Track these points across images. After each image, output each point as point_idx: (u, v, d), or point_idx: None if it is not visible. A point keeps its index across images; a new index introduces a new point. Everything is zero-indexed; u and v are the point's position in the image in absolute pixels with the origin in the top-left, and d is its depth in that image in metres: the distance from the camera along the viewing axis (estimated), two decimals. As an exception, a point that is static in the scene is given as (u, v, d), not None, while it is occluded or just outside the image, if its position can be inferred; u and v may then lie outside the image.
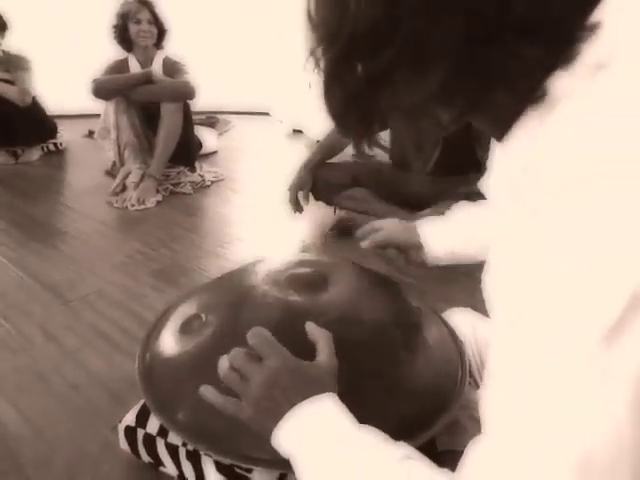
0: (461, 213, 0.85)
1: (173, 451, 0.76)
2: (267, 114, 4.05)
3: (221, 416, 0.63)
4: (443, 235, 0.86)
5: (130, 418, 0.80)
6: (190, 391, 0.67)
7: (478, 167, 1.75)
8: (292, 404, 0.51)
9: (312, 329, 0.62)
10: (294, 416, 0.50)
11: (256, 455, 0.61)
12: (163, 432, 0.76)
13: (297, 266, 0.82)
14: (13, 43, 2.65)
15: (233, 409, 0.55)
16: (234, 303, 0.75)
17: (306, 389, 0.52)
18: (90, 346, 1.14)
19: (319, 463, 0.48)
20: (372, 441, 0.47)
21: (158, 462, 0.78)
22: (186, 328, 0.76)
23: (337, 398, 0.52)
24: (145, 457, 0.79)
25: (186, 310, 0.81)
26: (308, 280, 0.77)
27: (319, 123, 1.89)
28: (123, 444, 0.81)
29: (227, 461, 0.65)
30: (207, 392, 0.57)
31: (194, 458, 0.74)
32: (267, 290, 0.74)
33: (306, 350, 0.65)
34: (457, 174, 1.74)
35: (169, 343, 0.76)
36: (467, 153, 1.74)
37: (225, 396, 0.56)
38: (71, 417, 0.93)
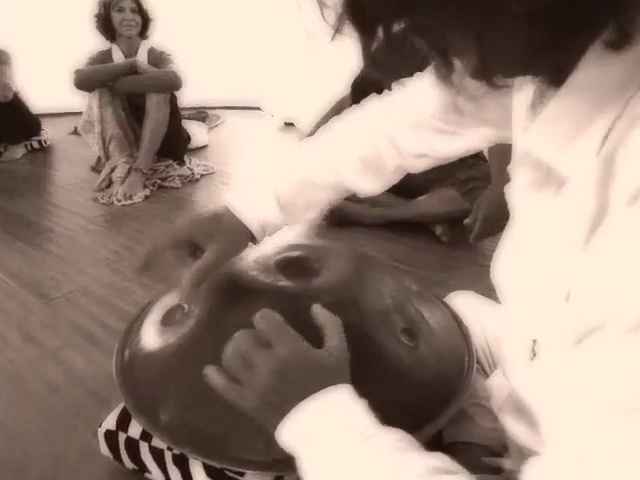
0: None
1: (158, 455, 0.70)
2: (258, 108, 3.99)
3: (208, 415, 0.58)
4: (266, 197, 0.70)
5: (111, 421, 0.74)
6: (173, 389, 0.62)
7: (475, 152, 1.70)
8: (301, 398, 0.45)
9: (320, 313, 0.56)
10: (303, 410, 0.45)
11: (247, 457, 0.56)
12: (147, 435, 0.70)
13: (287, 250, 0.76)
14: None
15: (235, 396, 0.49)
16: (219, 291, 0.68)
17: (319, 380, 0.47)
18: (71, 345, 1.08)
19: (329, 467, 0.42)
20: (395, 446, 0.41)
21: (142, 468, 0.72)
22: (168, 320, 0.70)
23: (353, 390, 0.47)
24: (128, 463, 0.73)
25: (168, 301, 0.75)
26: (299, 264, 0.71)
27: (311, 114, 1.84)
28: (104, 450, 0.75)
29: (216, 464, 0.59)
30: (211, 374, 0.51)
31: (181, 462, 0.68)
32: (255, 276, 0.68)
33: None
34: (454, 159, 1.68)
35: (150, 337, 0.69)
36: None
37: (229, 381, 0.49)
38: (49, 421, 0.87)
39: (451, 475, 0.38)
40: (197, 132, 2.83)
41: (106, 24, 2.15)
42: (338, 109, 1.78)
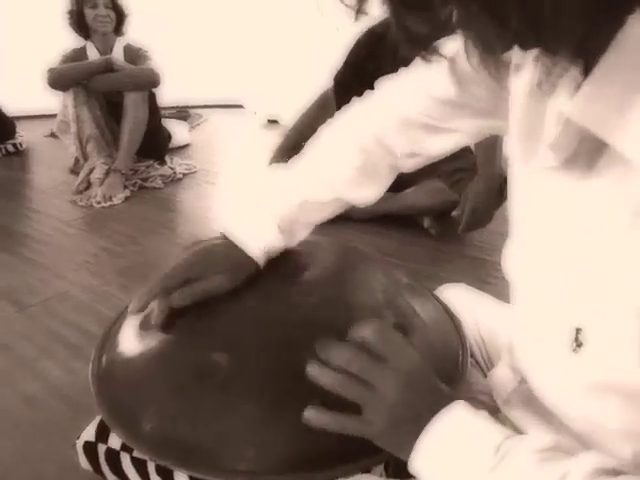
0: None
1: (141, 466, 0.66)
2: (241, 106, 3.95)
3: (193, 424, 0.54)
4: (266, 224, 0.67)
5: (90, 432, 0.70)
6: (154, 397, 0.58)
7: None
8: (434, 411, 0.41)
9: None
10: (431, 437, 0.41)
11: (236, 467, 0.52)
12: (128, 446, 0.66)
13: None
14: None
15: (358, 426, 0.44)
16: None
17: (440, 395, 0.43)
18: (49, 355, 1.03)
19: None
20: (537, 458, 0.37)
21: (125, 480, 0.68)
22: (147, 324, 0.65)
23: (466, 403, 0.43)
24: (110, 476, 0.69)
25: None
26: (285, 260, 0.68)
27: (295, 109, 1.81)
28: (84, 462, 0.71)
29: (203, 477, 0.56)
30: (314, 418, 0.45)
31: (165, 473, 0.64)
32: (238, 274, 0.64)
33: (288, 340, 0.57)
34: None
35: (128, 342, 0.65)
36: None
37: (342, 415, 0.44)
38: (25, 434, 0.83)
39: (618, 477, 0.35)
40: (178, 131, 2.78)
41: (79, 21, 2.09)
42: (321, 103, 1.75)
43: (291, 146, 1.75)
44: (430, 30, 0.33)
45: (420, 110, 0.60)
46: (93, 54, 2.14)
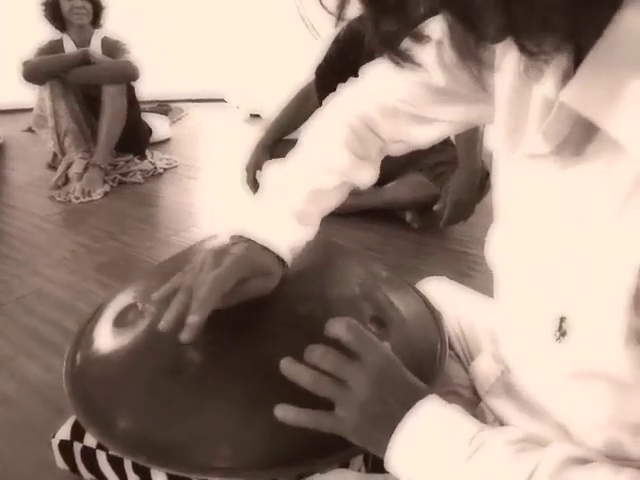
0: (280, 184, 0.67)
1: (117, 464, 0.65)
2: (222, 100, 3.91)
3: (167, 421, 0.54)
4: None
5: (65, 431, 0.69)
6: (128, 395, 0.57)
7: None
8: (406, 407, 0.41)
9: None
10: (406, 433, 0.41)
11: (212, 464, 0.51)
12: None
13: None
14: None
15: (330, 424, 0.44)
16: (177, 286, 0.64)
17: (413, 390, 0.44)
18: (25, 353, 1.01)
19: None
20: (511, 449, 0.38)
21: (102, 478, 0.67)
22: (121, 321, 0.64)
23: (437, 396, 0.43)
24: (86, 474, 0.68)
25: (123, 300, 0.69)
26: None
27: (277, 103, 1.79)
28: (59, 461, 0.70)
29: (179, 474, 0.55)
30: (286, 414, 0.45)
31: (142, 470, 0.63)
32: (214, 269, 0.64)
33: (263, 336, 0.56)
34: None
35: (102, 340, 0.64)
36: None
37: (315, 411, 0.44)
38: (2, 433, 0.82)
39: (586, 466, 0.35)
40: (159, 125, 2.74)
41: (55, 12, 2.04)
42: (302, 97, 1.74)
43: (273, 139, 1.73)
44: (402, 29, 0.33)
45: (405, 98, 0.60)
46: (70, 47, 2.09)
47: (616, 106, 0.31)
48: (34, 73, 1.98)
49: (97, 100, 2.04)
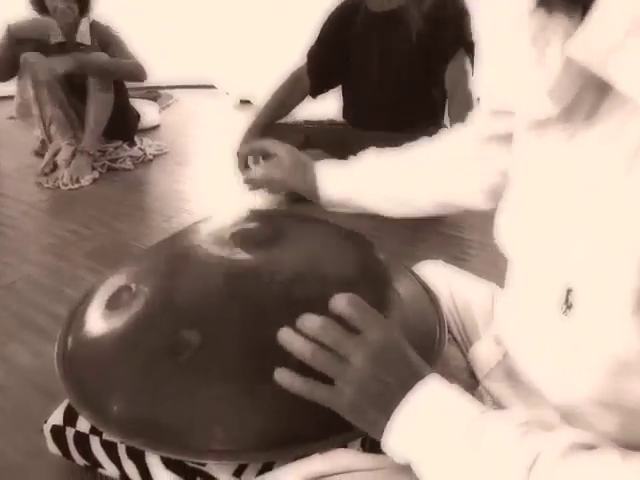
0: (367, 160, 0.77)
1: (111, 449, 0.64)
2: (212, 87, 3.86)
3: (161, 404, 0.53)
4: (341, 179, 0.77)
5: (57, 416, 0.68)
6: (121, 378, 0.56)
7: (434, 119, 1.68)
8: (406, 388, 0.40)
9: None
10: (406, 413, 0.40)
11: (206, 447, 0.50)
12: (97, 428, 0.64)
13: (244, 222, 0.70)
14: None
15: (327, 396, 0.42)
16: (170, 268, 0.63)
17: (416, 369, 0.42)
18: (15, 339, 0.99)
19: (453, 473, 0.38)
20: (517, 432, 0.37)
21: (95, 463, 0.66)
22: (114, 303, 0.63)
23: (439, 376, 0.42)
24: (79, 459, 0.67)
25: (116, 282, 0.68)
26: (257, 235, 0.66)
27: (267, 88, 1.77)
28: (52, 447, 0.69)
29: (173, 457, 0.54)
30: (284, 378, 0.43)
31: (137, 455, 0.62)
32: (209, 250, 0.62)
33: (259, 317, 0.55)
34: (411, 127, 1.65)
35: (94, 323, 0.63)
36: (422, 105, 1.65)
37: (313, 381, 0.43)
38: (-8, 422, 0.80)
39: (591, 452, 0.34)
40: (148, 111, 2.70)
41: (41, 5, 1.96)
42: (293, 79, 1.71)
43: (264, 124, 1.71)
44: None
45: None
46: (55, 33, 2.01)
47: (624, 56, 0.30)
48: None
49: (83, 86, 1.99)
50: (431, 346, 0.63)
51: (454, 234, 1.49)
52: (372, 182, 0.74)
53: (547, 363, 0.45)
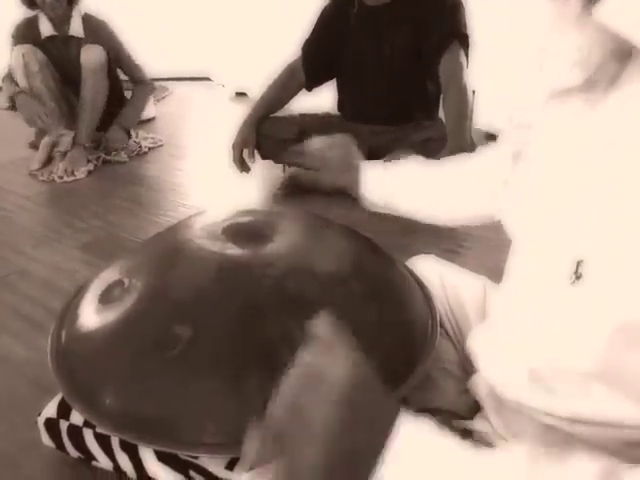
0: (410, 165, 0.80)
1: (105, 442, 0.65)
2: (208, 79, 3.84)
3: (153, 398, 0.53)
4: (385, 181, 0.79)
5: (51, 409, 0.68)
6: (113, 372, 0.56)
7: (429, 113, 1.67)
8: (375, 433, 0.34)
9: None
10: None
11: (198, 440, 0.51)
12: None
13: (237, 216, 0.70)
14: None
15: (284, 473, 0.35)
16: (162, 262, 0.63)
17: (381, 405, 0.37)
18: (9, 332, 0.99)
19: None
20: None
21: (89, 456, 0.66)
22: (106, 297, 0.63)
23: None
24: (73, 452, 0.68)
25: (109, 276, 0.68)
26: (250, 230, 0.66)
27: (263, 81, 1.76)
28: (46, 439, 0.69)
29: (165, 450, 0.55)
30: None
31: (130, 447, 0.63)
32: (201, 244, 0.63)
33: (251, 311, 0.55)
34: (408, 121, 1.65)
35: (87, 316, 0.63)
36: (417, 99, 1.64)
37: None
38: (-16, 415, 0.80)
39: (632, 467, 0.30)
40: (142, 104, 2.68)
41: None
42: (289, 72, 1.70)
43: (259, 117, 1.70)
44: None
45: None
46: (45, 25, 1.97)
47: None
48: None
49: (76, 78, 1.97)
50: (423, 339, 0.64)
51: (447, 227, 1.49)
52: (412, 188, 0.77)
53: (557, 329, 0.43)
